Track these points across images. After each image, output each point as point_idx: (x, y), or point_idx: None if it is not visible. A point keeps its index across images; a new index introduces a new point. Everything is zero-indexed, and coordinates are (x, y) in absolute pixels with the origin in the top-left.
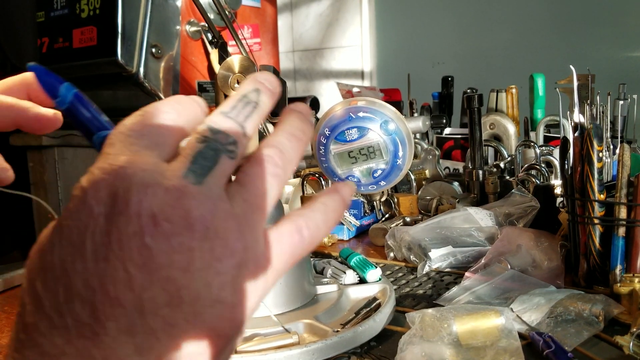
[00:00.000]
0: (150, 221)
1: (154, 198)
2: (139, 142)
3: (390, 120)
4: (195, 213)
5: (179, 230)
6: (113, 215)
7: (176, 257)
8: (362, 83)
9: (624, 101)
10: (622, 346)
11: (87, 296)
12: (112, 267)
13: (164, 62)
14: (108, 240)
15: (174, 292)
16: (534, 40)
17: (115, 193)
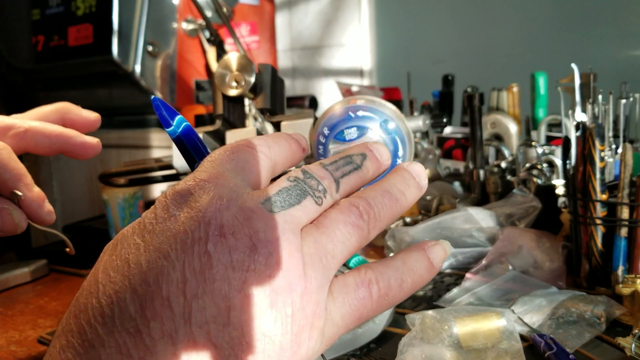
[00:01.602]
0: (217, 230)
1: (226, 211)
2: (225, 165)
3: (390, 119)
4: (261, 235)
5: (242, 247)
6: (182, 217)
7: (234, 273)
8: (361, 81)
9: (626, 100)
10: (624, 348)
11: (140, 290)
12: (170, 266)
13: (161, 60)
14: (174, 240)
15: (224, 310)
16: (536, 39)
17: (193, 198)
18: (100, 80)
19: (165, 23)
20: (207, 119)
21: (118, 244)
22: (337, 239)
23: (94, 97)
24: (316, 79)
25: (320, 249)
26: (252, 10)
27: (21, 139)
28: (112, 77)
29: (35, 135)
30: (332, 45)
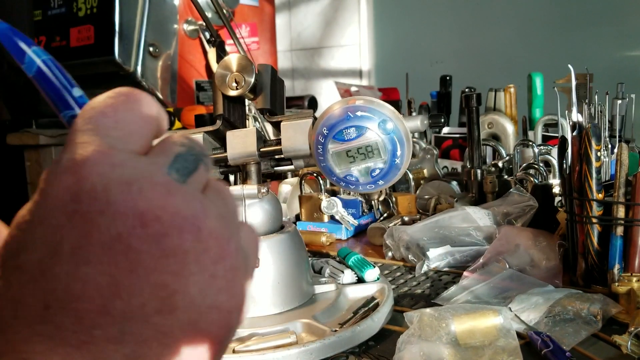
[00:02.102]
0: (138, 221)
1: (139, 195)
2: (112, 132)
3: (388, 120)
4: (186, 212)
5: (170, 230)
6: (91, 214)
7: (168, 260)
8: (360, 82)
9: (622, 100)
10: (620, 345)
11: (71, 303)
12: (95, 272)
13: (162, 61)
14: (88, 242)
15: (167, 299)
16: (533, 40)
17: (92, 189)
18: (101, 80)
19: (166, 24)
20: (207, 119)
21: (21, 251)
22: (233, 198)
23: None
24: (315, 79)
25: (230, 209)
26: (252, 12)
27: None
28: (113, 77)
29: None
30: (332, 46)
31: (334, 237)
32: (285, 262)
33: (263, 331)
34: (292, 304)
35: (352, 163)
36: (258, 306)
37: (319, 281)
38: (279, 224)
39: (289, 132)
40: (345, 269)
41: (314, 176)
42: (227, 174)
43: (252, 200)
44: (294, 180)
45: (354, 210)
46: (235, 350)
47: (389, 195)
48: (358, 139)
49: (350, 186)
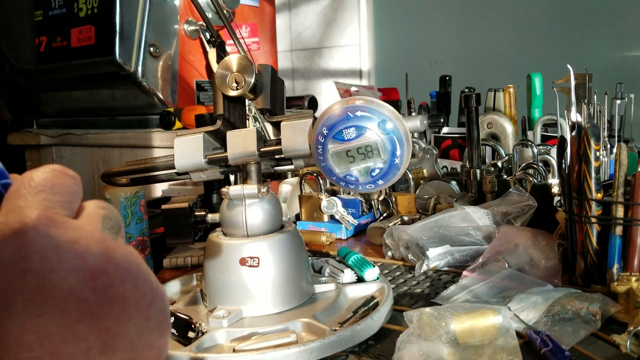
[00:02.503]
0: (88, 275)
1: (86, 252)
2: (51, 199)
3: (388, 120)
4: (124, 264)
5: (114, 280)
6: (43, 271)
7: (112, 307)
8: (360, 82)
9: (621, 100)
10: (619, 345)
11: (22, 352)
12: (47, 322)
13: (162, 61)
14: (41, 297)
15: (109, 341)
16: (532, 40)
17: (42, 249)
18: (102, 80)
19: (166, 24)
20: (207, 119)
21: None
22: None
23: (96, 97)
24: (315, 79)
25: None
26: (252, 12)
27: None
28: (114, 77)
29: None
30: (331, 46)
31: (334, 236)
32: (285, 262)
33: (263, 330)
34: (292, 303)
35: (351, 163)
36: (258, 305)
37: (318, 281)
38: (279, 223)
39: (289, 132)
40: (345, 269)
41: (314, 176)
42: (227, 173)
43: (252, 200)
44: (294, 180)
45: (354, 210)
46: (236, 350)
47: (388, 195)
48: (358, 139)
49: (350, 186)
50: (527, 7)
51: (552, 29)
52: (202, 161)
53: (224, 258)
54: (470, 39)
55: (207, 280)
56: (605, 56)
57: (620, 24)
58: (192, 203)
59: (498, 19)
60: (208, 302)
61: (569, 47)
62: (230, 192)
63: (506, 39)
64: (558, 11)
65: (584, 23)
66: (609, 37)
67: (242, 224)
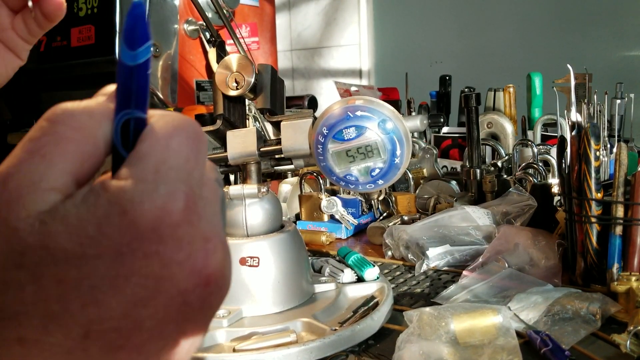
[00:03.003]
0: (203, 281)
1: (212, 256)
2: (194, 173)
3: (388, 119)
4: (228, 274)
5: (216, 291)
6: (169, 263)
7: (201, 315)
8: (360, 82)
9: (621, 100)
10: (619, 344)
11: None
12: (148, 315)
13: (162, 60)
14: (155, 290)
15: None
16: (532, 40)
17: (180, 239)
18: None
19: (166, 24)
20: (207, 118)
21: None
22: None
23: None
24: (315, 79)
25: None
26: (252, 12)
27: None
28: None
29: None
30: (331, 46)
31: (334, 236)
32: (285, 262)
33: (263, 330)
34: (292, 303)
35: (351, 163)
36: (258, 305)
37: (318, 280)
38: (279, 223)
39: (289, 131)
40: (345, 268)
41: (314, 176)
42: (227, 173)
43: (252, 199)
44: (294, 180)
45: (354, 210)
46: (236, 350)
47: (388, 195)
48: (358, 138)
49: (350, 186)
50: (527, 7)
51: (552, 29)
52: None
53: None
54: (471, 38)
55: None
56: (605, 56)
57: (620, 24)
58: None
59: (498, 19)
60: None
61: (569, 47)
62: (230, 192)
63: (506, 39)
64: (558, 11)
65: (584, 23)
66: (609, 37)
67: (242, 223)
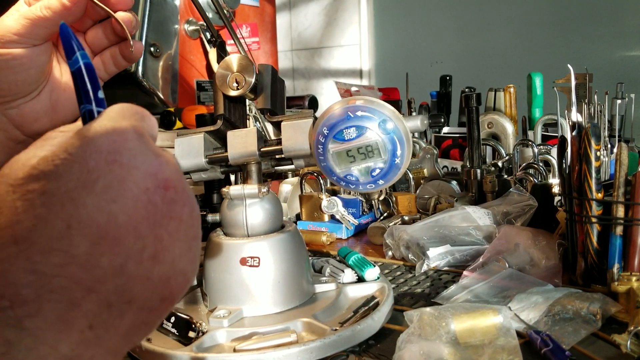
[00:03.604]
0: (162, 184)
1: (165, 166)
2: (143, 123)
3: (388, 119)
4: (189, 192)
5: (179, 199)
6: (128, 167)
7: (170, 222)
8: (360, 82)
9: (621, 100)
10: (619, 344)
11: (91, 229)
12: (118, 210)
13: (163, 61)
14: (121, 187)
15: (159, 251)
16: (532, 40)
17: (133, 149)
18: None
19: (167, 24)
20: (208, 119)
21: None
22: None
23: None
24: (316, 79)
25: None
26: (253, 12)
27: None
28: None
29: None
30: (332, 46)
31: (334, 236)
32: (285, 262)
33: (263, 330)
34: (293, 303)
35: (352, 163)
36: (258, 305)
37: (319, 280)
38: (279, 223)
39: (290, 131)
40: (346, 268)
41: (315, 176)
42: (228, 173)
43: (253, 199)
44: (295, 180)
45: (354, 210)
46: (236, 349)
47: (389, 195)
48: (358, 138)
49: (350, 186)
50: (527, 7)
51: (552, 29)
52: (203, 161)
53: (224, 258)
54: (471, 38)
55: (207, 280)
56: (605, 56)
57: (620, 24)
58: None
59: (498, 19)
60: (208, 302)
61: (569, 47)
62: (231, 192)
63: (506, 39)
64: (558, 11)
65: (584, 23)
66: (609, 37)
67: (243, 223)
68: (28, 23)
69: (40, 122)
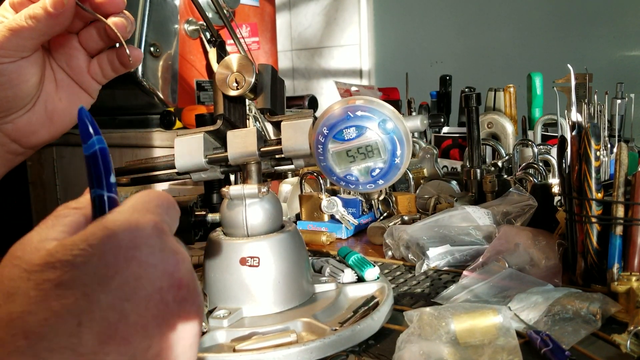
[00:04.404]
0: (177, 283)
1: (181, 265)
2: (165, 217)
3: (388, 119)
4: (198, 287)
5: (189, 297)
6: (147, 264)
7: (178, 320)
8: (360, 82)
9: (621, 100)
10: (619, 344)
11: (101, 328)
12: (131, 309)
13: (162, 61)
14: (137, 285)
15: (164, 349)
16: (532, 40)
17: (152, 245)
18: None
19: (167, 24)
20: (208, 118)
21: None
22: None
23: (97, 97)
24: (316, 79)
25: None
26: (253, 11)
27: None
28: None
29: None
30: (332, 46)
31: (334, 236)
32: (285, 262)
33: (263, 330)
34: (293, 303)
35: (352, 163)
36: (258, 305)
37: (319, 280)
38: (279, 223)
39: (289, 131)
40: (345, 268)
41: (314, 176)
42: (228, 173)
43: (253, 199)
44: (294, 180)
45: (354, 210)
46: (236, 350)
47: (388, 195)
48: (358, 138)
49: (350, 186)
50: (527, 7)
51: (552, 29)
52: (203, 161)
53: (224, 258)
54: (471, 38)
55: (207, 280)
56: (605, 56)
57: (620, 24)
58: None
59: (498, 19)
60: (208, 302)
61: (569, 47)
62: (231, 192)
63: (506, 39)
64: (558, 11)
65: (584, 23)
66: (609, 37)
67: (243, 223)
68: (11, 35)
69: (37, 134)
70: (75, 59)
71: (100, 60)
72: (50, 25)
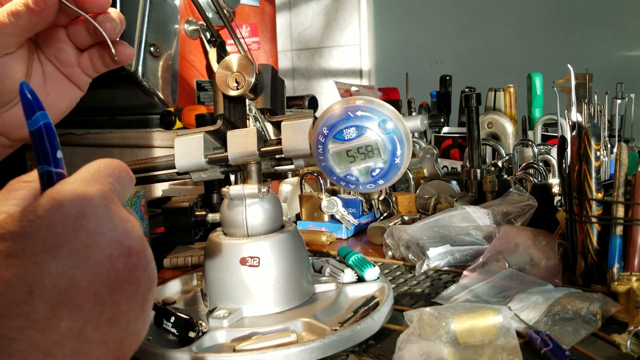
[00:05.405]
0: (126, 251)
1: (131, 231)
2: (115, 185)
3: (388, 119)
4: (149, 254)
5: (139, 264)
6: (95, 233)
7: (129, 287)
8: (360, 82)
9: (621, 100)
10: (619, 344)
11: (52, 294)
12: (81, 276)
13: (163, 61)
14: (86, 253)
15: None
16: (532, 40)
17: (100, 215)
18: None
19: (166, 24)
20: (208, 118)
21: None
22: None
23: (97, 97)
24: (316, 79)
25: None
26: (253, 12)
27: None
28: (114, 77)
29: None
30: (332, 46)
31: (334, 236)
32: (285, 262)
33: (263, 330)
34: (293, 303)
35: (352, 163)
36: (258, 305)
37: (319, 280)
38: (279, 223)
39: (290, 131)
40: (346, 268)
41: (314, 176)
42: (228, 173)
43: (253, 199)
44: (295, 180)
45: (354, 210)
46: (236, 349)
47: (389, 195)
48: (358, 138)
49: (350, 186)
50: (527, 7)
51: (552, 29)
52: (203, 161)
53: (224, 258)
54: (471, 38)
55: (207, 280)
56: (605, 56)
57: (620, 24)
58: (193, 203)
59: (498, 19)
60: (208, 302)
61: (569, 47)
62: (231, 192)
63: (506, 39)
64: (558, 11)
65: (584, 23)
66: (609, 37)
67: (243, 223)
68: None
69: (25, 128)
70: (63, 52)
71: (92, 54)
72: (33, 21)
